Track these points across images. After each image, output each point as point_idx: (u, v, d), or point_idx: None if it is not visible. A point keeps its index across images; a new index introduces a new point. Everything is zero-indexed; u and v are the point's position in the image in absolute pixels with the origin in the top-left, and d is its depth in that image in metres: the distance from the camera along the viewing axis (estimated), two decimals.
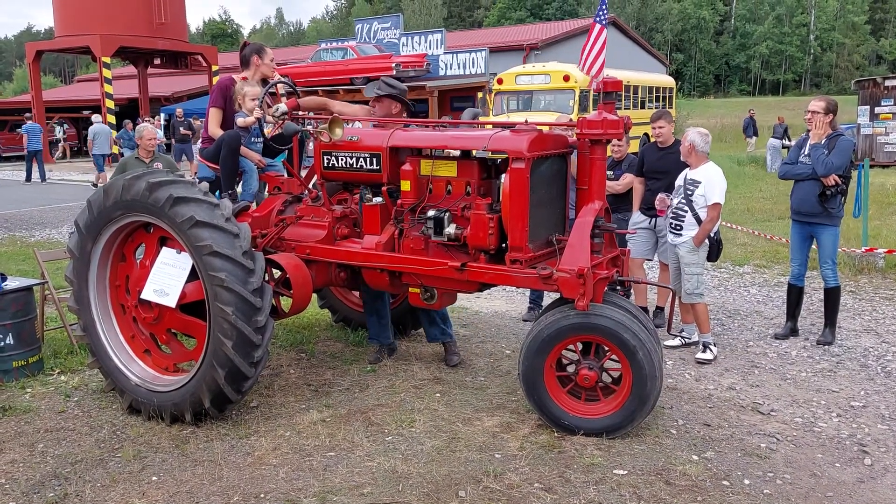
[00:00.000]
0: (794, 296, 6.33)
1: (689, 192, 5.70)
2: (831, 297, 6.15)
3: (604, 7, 9.35)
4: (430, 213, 4.58)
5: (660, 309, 6.74)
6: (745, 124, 26.56)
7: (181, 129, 20.88)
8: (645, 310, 6.57)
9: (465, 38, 35.63)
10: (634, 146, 7.91)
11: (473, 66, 25.56)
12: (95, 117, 20.55)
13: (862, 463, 4.07)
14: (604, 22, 10.03)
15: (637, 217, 6.57)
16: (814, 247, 6.25)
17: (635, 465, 4.00)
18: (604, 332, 4.17)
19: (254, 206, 5.50)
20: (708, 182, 5.62)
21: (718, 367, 5.62)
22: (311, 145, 5.58)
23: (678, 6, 73.83)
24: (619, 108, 8.50)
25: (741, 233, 10.63)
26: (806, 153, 5.99)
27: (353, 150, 4.99)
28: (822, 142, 5.84)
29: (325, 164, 5.13)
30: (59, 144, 30.80)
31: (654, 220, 6.43)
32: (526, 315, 6.97)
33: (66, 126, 31.88)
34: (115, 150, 20.24)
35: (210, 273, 4.21)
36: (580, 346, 4.37)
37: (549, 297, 6.56)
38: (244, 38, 79.01)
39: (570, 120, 6.21)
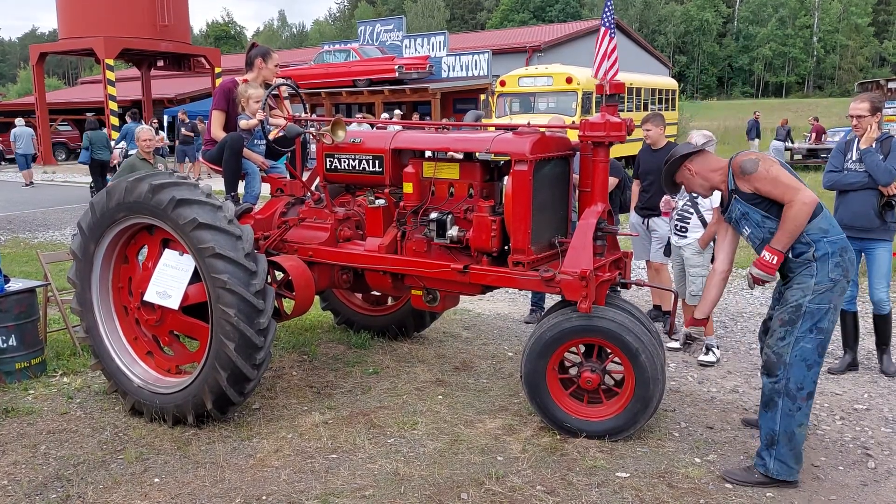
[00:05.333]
0: (851, 323, 5.49)
1: (695, 196, 5.70)
2: (886, 324, 5.41)
3: (609, 10, 9.28)
4: (433, 215, 4.59)
5: (657, 308, 6.74)
6: (749, 126, 26.53)
7: (183, 130, 20.92)
8: (666, 313, 6.60)
9: (467, 41, 35.67)
10: (636, 148, 7.85)
11: (476, 68, 25.62)
12: (18, 120, 21.52)
13: (865, 466, 4.06)
14: (607, 25, 9.98)
15: (632, 218, 6.64)
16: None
17: (638, 467, 3.99)
18: (606, 335, 4.17)
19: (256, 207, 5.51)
20: None
21: (721, 369, 5.61)
22: (313, 147, 5.58)
23: (681, 8, 73.88)
24: (622, 111, 8.43)
25: None
26: (854, 159, 5.24)
27: (355, 152, 5.00)
28: (873, 146, 5.13)
29: (328, 166, 5.14)
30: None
31: (647, 220, 6.48)
32: (528, 317, 6.97)
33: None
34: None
35: (212, 275, 4.21)
36: (582, 349, 4.36)
37: (551, 300, 6.56)
38: (248, 41, 79.13)
39: (573, 122, 6.23)
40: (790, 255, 3.71)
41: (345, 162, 5.05)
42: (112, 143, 16.77)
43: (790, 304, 3.69)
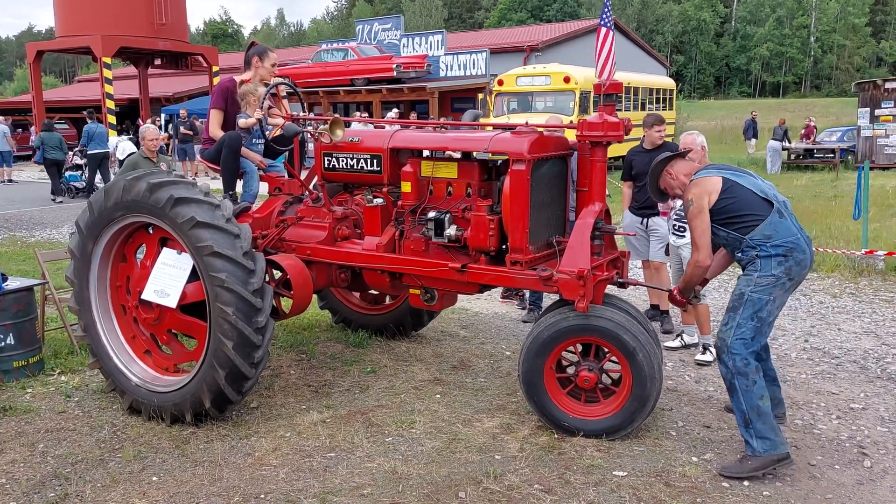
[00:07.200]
0: None
1: None
2: None
3: (608, 11, 9.24)
4: (431, 214, 4.59)
5: (654, 307, 6.75)
6: (746, 126, 26.56)
7: (182, 128, 20.92)
8: (665, 312, 6.61)
9: (465, 40, 35.64)
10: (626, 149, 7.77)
11: (474, 68, 25.62)
12: (0, 118, 21.49)
13: (861, 465, 4.08)
14: (608, 25, 9.95)
15: (630, 218, 6.61)
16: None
17: (635, 466, 4.00)
18: (603, 334, 4.18)
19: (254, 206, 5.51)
20: None
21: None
22: (311, 146, 5.58)
23: (679, 8, 73.89)
24: (620, 110, 8.49)
25: None
26: None
27: (353, 151, 5.00)
28: None
29: (326, 165, 5.15)
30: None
31: (646, 220, 6.49)
32: (526, 316, 6.98)
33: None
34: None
35: (211, 274, 4.22)
36: (580, 348, 4.37)
37: (549, 298, 6.57)
38: (246, 39, 78.90)
39: (570, 122, 6.23)
40: (738, 255, 4.03)
41: (343, 161, 5.05)
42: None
43: (735, 293, 4.00)
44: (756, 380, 3.89)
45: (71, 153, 17.82)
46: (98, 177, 16.93)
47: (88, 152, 16.70)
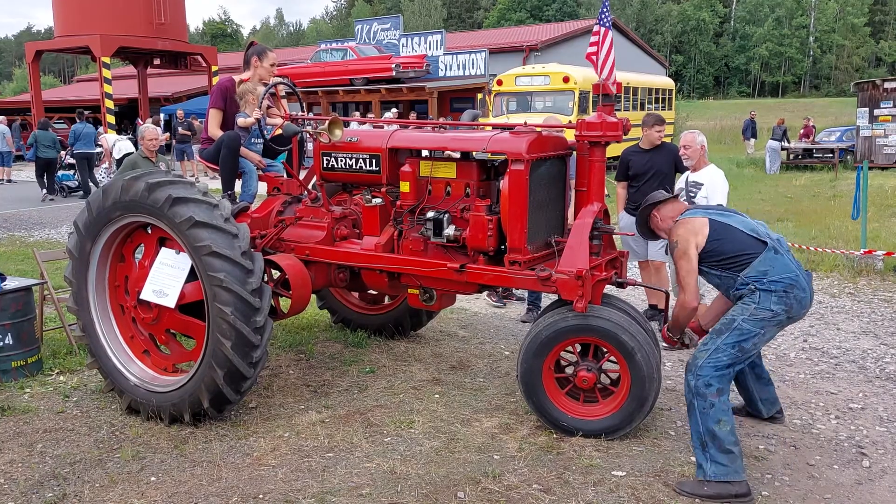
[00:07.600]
0: None
1: (692, 195, 5.71)
2: None
3: (606, 10, 9.24)
4: (430, 214, 4.59)
5: (653, 307, 6.75)
6: (745, 126, 26.56)
7: (180, 129, 20.92)
8: (664, 312, 6.60)
9: (464, 40, 35.64)
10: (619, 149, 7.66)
11: (473, 67, 25.61)
12: (0, 118, 21.52)
13: (860, 465, 4.08)
14: (607, 25, 9.95)
15: (627, 219, 6.59)
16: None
17: (634, 466, 4.00)
18: (602, 334, 4.18)
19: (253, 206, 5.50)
20: (711, 184, 5.63)
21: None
22: (310, 146, 5.59)
23: (678, 8, 73.93)
24: (619, 110, 8.47)
25: None
26: None
27: (352, 151, 5.00)
28: None
29: (325, 165, 5.14)
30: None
31: None
32: (524, 316, 6.98)
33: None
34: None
35: (209, 273, 4.21)
36: (579, 348, 4.37)
37: (547, 298, 6.57)
38: (245, 39, 78.89)
39: (569, 122, 6.22)
40: (732, 293, 3.91)
41: (342, 161, 5.05)
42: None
43: (726, 318, 3.86)
44: (714, 403, 3.71)
45: (64, 152, 17.88)
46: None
47: (74, 152, 16.77)
